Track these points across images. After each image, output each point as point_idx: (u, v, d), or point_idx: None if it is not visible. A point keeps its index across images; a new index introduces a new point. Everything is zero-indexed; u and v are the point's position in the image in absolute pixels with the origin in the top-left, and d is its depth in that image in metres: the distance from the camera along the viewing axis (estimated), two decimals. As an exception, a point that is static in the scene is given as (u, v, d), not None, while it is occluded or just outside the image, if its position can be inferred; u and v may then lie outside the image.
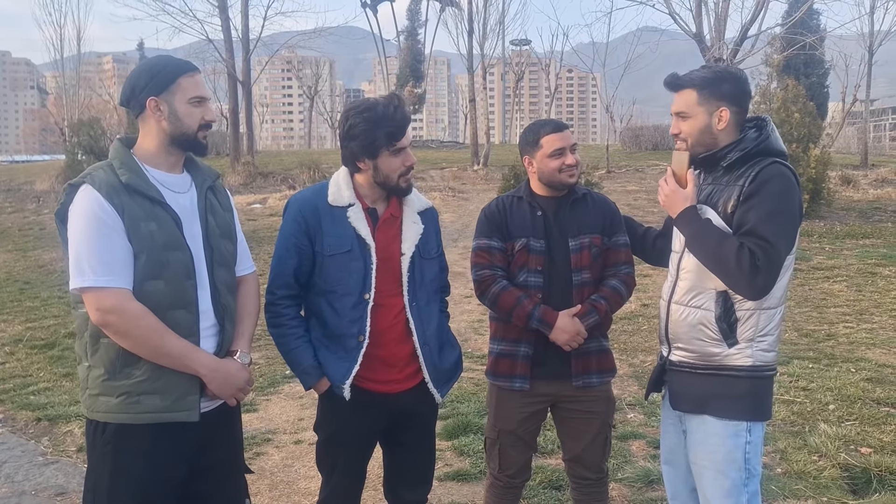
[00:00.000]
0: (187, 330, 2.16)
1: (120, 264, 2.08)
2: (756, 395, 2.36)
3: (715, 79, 2.37)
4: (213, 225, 2.31)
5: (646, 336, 7.15)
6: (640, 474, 3.93)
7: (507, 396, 2.81)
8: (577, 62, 29.06)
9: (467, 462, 4.13)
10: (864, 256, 10.98)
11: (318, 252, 2.52)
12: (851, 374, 5.73)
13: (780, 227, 2.22)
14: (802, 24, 17.49)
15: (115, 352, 2.12)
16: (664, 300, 2.51)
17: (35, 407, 5.35)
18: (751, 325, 2.31)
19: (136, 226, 2.10)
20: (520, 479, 2.93)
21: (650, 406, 5.07)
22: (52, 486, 4.10)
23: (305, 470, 4.19)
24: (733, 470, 2.35)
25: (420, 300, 2.58)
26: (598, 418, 2.82)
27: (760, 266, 2.16)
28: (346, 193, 2.54)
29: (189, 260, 2.18)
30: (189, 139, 2.24)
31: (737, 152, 2.33)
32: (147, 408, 2.13)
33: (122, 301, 2.06)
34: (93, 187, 2.10)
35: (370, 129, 2.45)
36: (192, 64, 2.27)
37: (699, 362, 2.39)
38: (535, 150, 2.77)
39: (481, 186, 19.61)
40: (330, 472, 2.66)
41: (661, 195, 2.45)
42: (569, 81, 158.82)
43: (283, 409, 5.24)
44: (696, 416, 2.41)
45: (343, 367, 2.50)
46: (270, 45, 27.97)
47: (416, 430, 2.69)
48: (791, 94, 13.72)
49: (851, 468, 3.98)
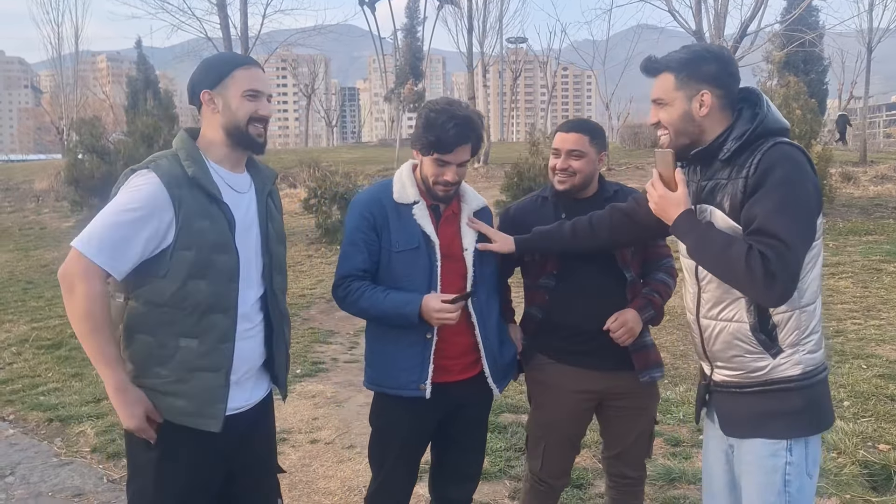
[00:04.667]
0: (222, 334, 2.11)
1: (123, 251, 2.00)
2: (814, 404, 2.07)
3: (694, 59, 2.07)
4: (272, 230, 2.29)
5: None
6: (662, 472, 3.92)
7: (556, 394, 2.74)
8: (576, 59, 29.07)
9: (486, 461, 4.10)
10: (868, 253, 10.99)
11: (385, 248, 2.52)
12: (863, 370, 5.73)
13: (793, 219, 1.88)
14: (801, 21, 17.51)
15: (147, 349, 2.09)
16: (691, 314, 2.22)
17: (46, 407, 5.32)
18: (792, 327, 2.02)
19: (189, 221, 2.06)
20: (560, 482, 2.86)
21: (664, 403, 5.05)
22: (69, 487, 4.07)
23: (324, 469, 4.17)
24: (772, 494, 2.06)
25: (481, 295, 2.59)
26: (646, 414, 2.80)
27: (775, 270, 1.84)
28: (411, 191, 2.56)
29: (235, 263, 2.13)
30: (241, 132, 2.18)
31: (733, 142, 2.02)
32: (168, 410, 2.09)
33: (93, 277, 1.98)
34: (156, 174, 2.06)
35: (423, 129, 2.48)
36: (249, 58, 2.25)
37: (745, 381, 2.09)
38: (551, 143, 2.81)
39: (482, 184, 19.57)
40: (380, 464, 2.65)
41: (651, 202, 2.16)
42: (564, 80, 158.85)
43: (297, 408, 5.21)
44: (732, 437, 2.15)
45: (416, 369, 2.51)
46: (268, 44, 27.87)
47: (468, 425, 2.69)
48: (792, 90, 13.74)
49: (871, 465, 3.97)
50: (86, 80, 53.85)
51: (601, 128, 2.83)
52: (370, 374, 2.64)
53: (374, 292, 2.49)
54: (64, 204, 18.48)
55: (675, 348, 6.63)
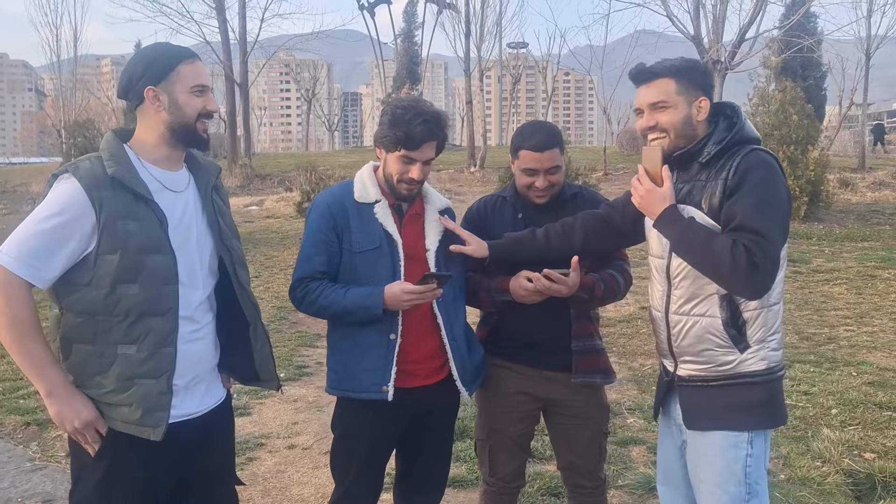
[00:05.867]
0: (161, 338, 2.02)
1: (45, 260, 1.94)
2: (773, 399, 2.19)
3: (690, 67, 2.22)
4: (224, 226, 2.22)
5: (644, 339, 7.07)
6: (641, 481, 3.85)
7: (497, 396, 2.74)
8: (575, 65, 29.09)
9: (463, 468, 4.04)
10: (864, 259, 10.94)
11: (346, 249, 2.48)
12: (853, 377, 5.67)
13: (772, 217, 2.03)
14: (800, 27, 17.52)
15: (85, 358, 2.02)
16: (658, 311, 2.31)
17: (24, 411, 5.25)
18: (759, 325, 2.14)
19: (112, 224, 1.97)
20: (513, 485, 2.84)
21: (650, 411, 4.98)
22: (39, 492, 4.00)
23: (299, 476, 4.11)
24: (732, 485, 2.17)
25: (447, 296, 2.53)
26: (592, 424, 2.74)
27: (758, 262, 1.97)
28: (372, 190, 2.52)
29: (170, 264, 2.04)
30: (189, 130, 2.11)
31: (713, 146, 2.15)
32: (110, 419, 2.03)
33: (14, 288, 1.91)
34: (74, 177, 1.98)
35: (388, 125, 2.44)
36: (191, 50, 2.15)
37: (711, 374, 2.20)
38: (514, 158, 2.70)
39: (478, 188, 19.56)
40: (344, 473, 2.59)
41: (636, 196, 2.23)
42: (565, 84, 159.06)
43: (277, 412, 5.15)
44: (703, 431, 2.24)
45: (379, 371, 2.45)
46: (268, 48, 27.97)
47: (434, 432, 2.64)
48: (789, 96, 13.71)
49: (855, 474, 3.91)
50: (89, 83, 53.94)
51: (557, 128, 2.79)
52: (332, 378, 2.58)
53: (334, 289, 2.44)
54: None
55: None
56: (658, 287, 2.31)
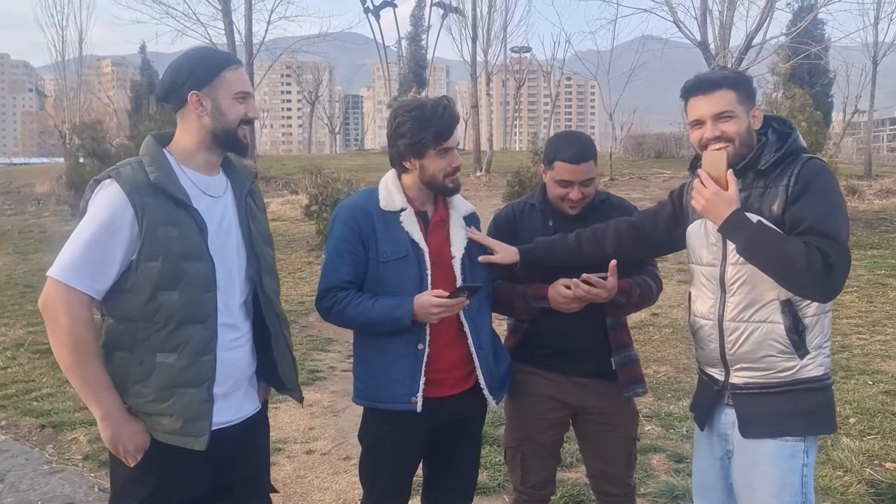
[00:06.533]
0: (201, 346, 2.01)
1: (101, 270, 1.94)
2: (829, 404, 2.22)
3: (744, 79, 2.29)
4: (255, 232, 2.20)
5: (657, 346, 7.06)
6: (664, 489, 3.84)
7: (528, 404, 2.72)
8: (580, 69, 29.08)
9: (485, 475, 4.02)
10: (874, 267, 10.91)
11: (373, 259, 2.44)
12: (869, 386, 5.65)
13: (841, 222, 2.09)
14: (807, 34, 17.46)
15: (126, 366, 2.01)
16: (710, 320, 2.29)
17: (39, 413, 5.25)
18: (818, 331, 2.17)
19: (153, 230, 1.96)
20: (544, 493, 2.83)
21: (667, 418, 4.98)
22: (59, 495, 3.99)
23: (319, 482, 4.09)
24: (788, 494, 2.16)
25: (472, 305, 2.49)
26: (623, 431, 2.74)
27: (833, 264, 2.00)
28: (398, 197, 2.48)
29: (210, 271, 2.03)
30: (231, 136, 2.11)
31: (771, 154, 2.19)
32: (152, 429, 2.02)
33: (76, 308, 1.91)
34: (117, 182, 1.97)
35: (417, 128, 2.39)
36: (235, 57, 2.18)
37: (770, 381, 2.19)
38: (549, 168, 2.69)
39: (484, 193, 19.54)
40: (372, 483, 2.57)
41: (700, 200, 2.20)
42: (567, 89, 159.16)
43: (293, 417, 5.13)
44: (751, 438, 2.23)
45: (407, 381, 2.42)
46: (273, 50, 27.92)
47: (462, 440, 2.62)
48: (798, 102, 13.70)
49: (877, 484, 3.90)
50: (90, 84, 53.91)
51: (591, 139, 2.79)
52: (359, 388, 2.56)
53: (362, 300, 2.41)
54: (65, 208, 18.48)
55: (679, 361, 6.55)
56: (709, 295, 2.29)
